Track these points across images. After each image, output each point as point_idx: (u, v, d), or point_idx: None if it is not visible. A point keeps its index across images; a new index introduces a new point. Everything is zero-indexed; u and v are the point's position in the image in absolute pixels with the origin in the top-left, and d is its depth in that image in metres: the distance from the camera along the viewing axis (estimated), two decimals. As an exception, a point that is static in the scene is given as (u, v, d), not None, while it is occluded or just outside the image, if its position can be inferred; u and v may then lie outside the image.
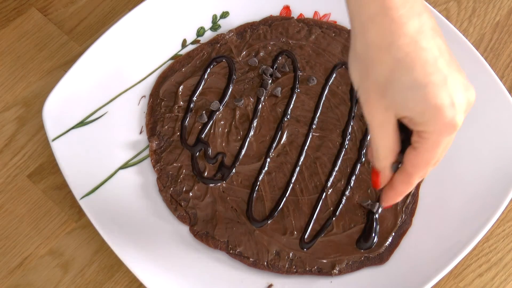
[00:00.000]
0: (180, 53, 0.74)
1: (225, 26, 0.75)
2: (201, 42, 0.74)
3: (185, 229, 0.66)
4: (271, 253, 0.65)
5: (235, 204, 0.67)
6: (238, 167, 0.68)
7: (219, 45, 0.74)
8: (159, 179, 0.68)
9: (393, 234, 0.65)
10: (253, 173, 0.68)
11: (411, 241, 0.65)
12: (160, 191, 0.67)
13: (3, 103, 0.73)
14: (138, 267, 0.63)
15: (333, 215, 0.66)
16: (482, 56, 0.71)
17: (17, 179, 0.70)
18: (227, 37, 0.74)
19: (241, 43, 0.74)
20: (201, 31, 0.75)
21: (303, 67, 0.72)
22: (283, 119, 0.70)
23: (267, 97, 0.71)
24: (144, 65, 0.73)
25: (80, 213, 0.68)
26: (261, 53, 0.73)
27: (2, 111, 0.73)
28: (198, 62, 0.73)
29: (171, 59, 0.73)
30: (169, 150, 0.69)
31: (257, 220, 0.66)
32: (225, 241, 0.65)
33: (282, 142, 0.69)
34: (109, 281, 0.66)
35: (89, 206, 0.65)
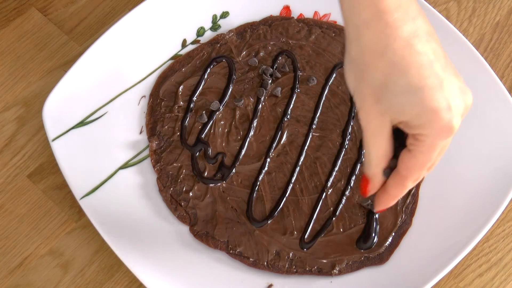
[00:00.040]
0: (180, 53, 0.74)
1: (225, 26, 0.75)
2: (201, 42, 0.74)
3: (185, 229, 0.66)
4: (271, 253, 0.65)
5: (235, 204, 0.67)
6: (238, 167, 0.68)
7: (219, 45, 0.74)
8: (159, 179, 0.68)
9: (393, 234, 0.65)
10: (253, 173, 0.68)
11: (411, 241, 0.65)
12: (160, 191, 0.67)
13: (3, 103, 0.73)
14: (138, 267, 0.63)
15: (333, 215, 0.66)
16: (482, 56, 0.71)
17: (17, 179, 0.70)
18: (227, 37, 0.74)
19: (241, 43, 0.74)
20: (201, 31, 0.75)
21: (303, 67, 0.72)
22: (283, 119, 0.70)
23: (267, 97, 0.71)
24: (144, 65, 0.73)
25: (80, 213, 0.68)
26: (261, 53, 0.73)
27: (2, 111, 0.73)
28: (198, 62, 0.73)
29: (171, 59, 0.73)
30: (169, 150, 0.69)
31: (257, 220, 0.66)
32: (225, 241, 0.65)
33: (282, 142, 0.69)
34: (109, 281, 0.66)
35: (89, 206, 0.65)
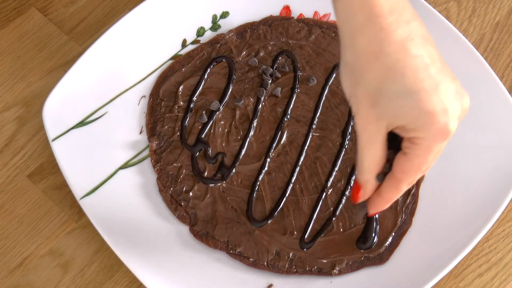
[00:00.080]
0: (180, 53, 0.74)
1: (225, 26, 0.75)
2: (201, 42, 0.74)
3: (185, 229, 0.66)
4: (271, 253, 0.65)
5: (235, 204, 0.67)
6: (238, 167, 0.68)
7: (219, 45, 0.74)
8: (159, 179, 0.68)
9: (393, 234, 0.65)
10: (253, 173, 0.68)
11: (411, 241, 0.65)
12: (160, 191, 0.67)
13: (3, 103, 0.73)
14: (138, 267, 0.63)
15: (333, 215, 0.66)
16: (482, 56, 0.71)
17: (17, 179, 0.70)
18: (227, 37, 0.74)
19: (241, 43, 0.74)
20: (201, 31, 0.75)
21: (303, 67, 0.72)
22: (283, 119, 0.70)
23: (267, 97, 0.71)
24: (144, 65, 0.73)
25: (80, 213, 0.68)
26: (261, 53, 0.73)
27: (2, 111, 0.73)
28: (198, 62, 0.73)
29: (171, 59, 0.73)
30: (169, 150, 0.69)
31: (257, 220, 0.66)
32: (225, 241, 0.65)
33: (282, 142, 0.69)
34: (109, 281, 0.66)
35: (89, 206, 0.65)
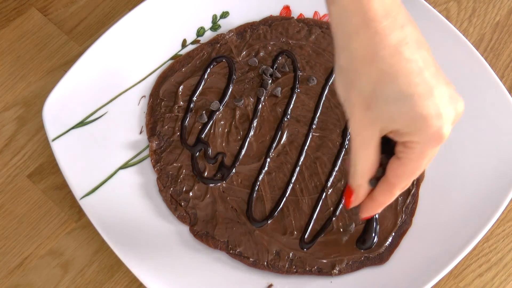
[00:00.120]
0: (180, 53, 0.74)
1: (225, 26, 0.75)
2: (201, 42, 0.74)
3: (185, 229, 0.66)
4: (271, 253, 0.65)
5: (235, 204, 0.67)
6: (238, 167, 0.68)
7: (219, 45, 0.74)
8: (159, 179, 0.68)
9: (393, 234, 0.65)
10: (253, 173, 0.68)
11: (411, 241, 0.65)
12: (160, 191, 0.67)
13: (3, 103, 0.73)
14: (138, 267, 0.63)
15: (333, 215, 0.66)
16: (482, 56, 0.71)
17: (17, 179, 0.70)
18: (227, 37, 0.74)
19: (241, 43, 0.74)
20: (201, 31, 0.75)
21: (303, 67, 0.72)
22: (283, 119, 0.70)
23: (267, 97, 0.71)
24: (144, 65, 0.73)
25: (80, 213, 0.68)
26: (261, 53, 0.73)
27: (2, 111, 0.73)
28: (198, 62, 0.73)
29: (171, 59, 0.73)
30: (169, 150, 0.69)
31: (257, 220, 0.66)
32: (225, 241, 0.65)
33: (282, 142, 0.69)
34: (109, 281, 0.66)
35: (89, 206, 0.65)
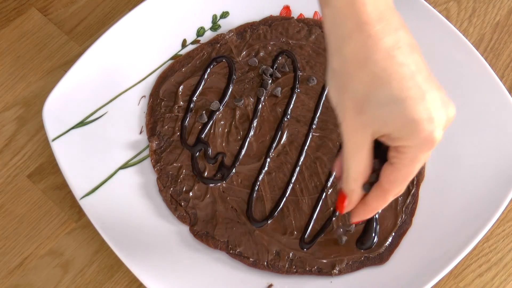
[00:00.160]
0: (180, 53, 0.74)
1: (225, 26, 0.75)
2: (201, 42, 0.74)
3: (185, 229, 0.66)
4: (271, 253, 0.65)
5: (235, 204, 0.67)
6: (238, 167, 0.68)
7: (219, 45, 0.74)
8: (159, 179, 0.68)
9: (393, 234, 0.65)
10: (253, 173, 0.68)
11: (411, 241, 0.65)
12: (160, 191, 0.67)
13: (3, 103, 0.73)
14: (138, 267, 0.63)
15: (333, 215, 0.66)
16: (482, 56, 0.71)
17: (17, 179, 0.70)
18: (227, 37, 0.74)
19: (241, 43, 0.74)
20: (201, 31, 0.75)
21: (303, 67, 0.72)
22: (283, 119, 0.70)
23: (267, 97, 0.71)
24: (144, 65, 0.73)
25: (80, 213, 0.68)
26: (261, 53, 0.73)
27: (2, 111, 0.73)
28: (198, 62, 0.73)
29: (171, 59, 0.73)
30: (169, 150, 0.69)
31: (257, 220, 0.66)
32: (225, 241, 0.65)
33: (282, 142, 0.69)
34: (109, 281, 0.66)
35: (89, 206, 0.65)
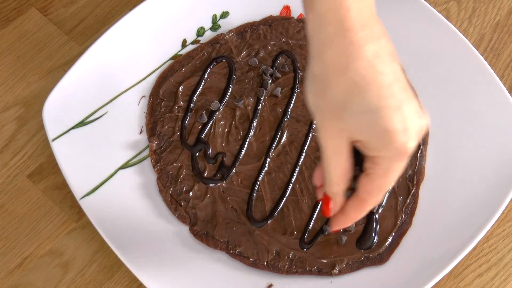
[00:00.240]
0: (180, 53, 0.74)
1: (225, 26, 0.75)
2: (201, 42, 0.74)
3: (185, 229, 0.66)
4: (271, 253, 0.65)
5: (235, 204, 0.67)
6: (238, 167, 0.68)
7: (219, 45, 0.74)
8: (159, 179, 0.68)
9: (393, 234, 0.65)
10: (253, 173, 0.68)
11: (411, 241, 0.65)
12: (160, 191, 0.67)
13: (3, 103, 0.73)
14: (138, 267, 0.63)
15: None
16: (482, 56, 0.71)
17: (17, 179, 0.70)
18: (227, 37, 0.74)
19: (241, 43, 0.74)
20: (201, 31, 0.75)
21: (303, 67, 0.72)
22: (283, 119, 0.70)
23: (267, 97, 0.71)
24: (144, 65, 0.73)
25: (80, 213, 0.68)
26: (261, 53, 0.73)
27: (2, 111, 0.73)
28: (198, 62, 0.73)
29: (171, 59, 0.73)
30: (169, 150, 0.69)
31: (257, 220, 0.66)
32: (225, 241, 0.65)
33: (282, 142, 0.69)
34: (109, 281, 0.66)
35: (89, 206, 0.65)
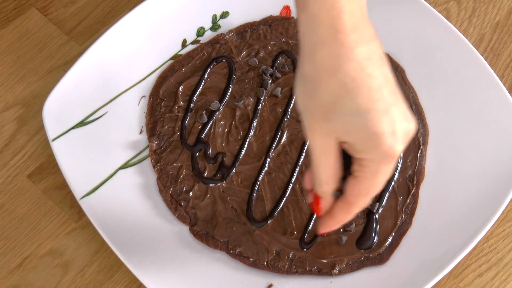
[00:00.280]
0: (180, 53, 0.74)
1: (225, 26, 0.75)
2: (201, 42, 0.74)
3: (185, 229, 0.66)
4: (271, 253, 0.65)
5: (235, 204, 0.67)
6: (238, 167, 0.68)
7: (219, 45, 0.74)
8: (159, 179, 0.68)
9: (393, 234, 0.65)
10: (253, 173, 0.68)
11: (411, 241, 0.65)
12: (160, 191, 0.67)
13: (3, 103, 0.73)
14: (138, 267, 0.63)
15: (333, 215, 0.66)
16: (482, 56, 0.71)
17: (17, 179, 0.70)
18: (227, 37, 0.74)
19: (241, 43, 0.74)
20: (201, 31, 0.75)
21: (303, 67, 0.72)
22: (283, 119, 0.70)
23: (267, 97, 0.71)
24: (144, 65, 0.73)
25: (80, 213, 0.68)
26: (261, 53, 0.73)
27: (2, 111, 0.73)
28: (198, 62, 0.73)
29: (171, 59, 0.73)
30: (169, 150, 0.69)
31: (257, 220, 0.66)
32: (225, 241, 0.65)
33: (282, 142, 0.69)
34: (109, 281, 0.66)
35: (89, 206, 0.65)
